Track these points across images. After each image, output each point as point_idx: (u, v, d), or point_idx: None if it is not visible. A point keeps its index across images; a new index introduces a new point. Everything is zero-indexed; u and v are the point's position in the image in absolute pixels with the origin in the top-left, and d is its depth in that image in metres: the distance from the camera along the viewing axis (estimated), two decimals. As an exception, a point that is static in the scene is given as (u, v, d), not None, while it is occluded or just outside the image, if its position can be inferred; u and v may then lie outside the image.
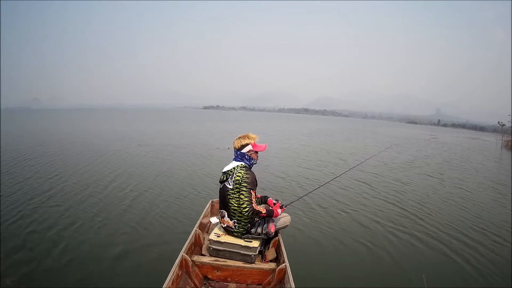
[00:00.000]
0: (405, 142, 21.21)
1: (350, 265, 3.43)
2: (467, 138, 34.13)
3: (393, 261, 3.54)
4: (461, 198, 6.51)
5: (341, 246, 3.86)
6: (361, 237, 4.12)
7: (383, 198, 6.13)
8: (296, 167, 9.05)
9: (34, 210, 4.55)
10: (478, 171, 10.59)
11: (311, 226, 4.40)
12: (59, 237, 3.74)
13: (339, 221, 4.67)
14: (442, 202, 6.06)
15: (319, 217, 4.81)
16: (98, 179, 6.60)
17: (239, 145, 2.69)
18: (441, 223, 4.83)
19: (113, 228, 4.07)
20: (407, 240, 4.12)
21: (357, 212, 5.17)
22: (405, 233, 4.36)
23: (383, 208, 5.47)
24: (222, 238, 2.62)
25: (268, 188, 6.32)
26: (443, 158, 13.52)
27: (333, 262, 3.48)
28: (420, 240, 4.14)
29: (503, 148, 21.79)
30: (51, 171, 7.20)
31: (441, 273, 3.34)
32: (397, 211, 5.33)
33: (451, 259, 3.65)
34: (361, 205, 5.55)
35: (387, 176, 8.34)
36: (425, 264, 3.50)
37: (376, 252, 3.75)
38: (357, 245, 3.90)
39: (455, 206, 5.84)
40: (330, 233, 4.22)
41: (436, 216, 5.15)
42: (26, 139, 13.56)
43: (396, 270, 3.36)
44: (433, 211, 5.44)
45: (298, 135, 22.77)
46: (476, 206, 5.92)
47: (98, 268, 3.10)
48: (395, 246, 3.92)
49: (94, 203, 5.02)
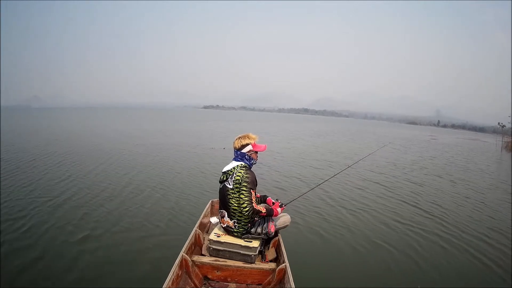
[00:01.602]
0: (406, 142, 21.25)
1: (350, 265, 3.42)
2: (467, 139, 34.21)
3: (394, 261, 3.53)
4: (454, 196, 6.53)
5: (342, 246, 3.86)
6: (361, 237, 4.12)
7: (384, 198, 6.13)
8: (294, 166, 9.04)
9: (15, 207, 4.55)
10: (484, 171, 10.65)
11: (311, 226, 4.40)
12: (57, 236, 3.73)
13: (339, 221, 4.67)
14: (441, 202, 6.05)
15: (319, 217, 4.81)
16: (95, 179, 6.59)
17: (239, 145, 2.69)
18: (442, 223, 4.83)
19: (113, 228, 4.07)
20: (407, 240, 4.12)
21: (357, 212, 5.16)
22: (405, 233, 4.37)
23: (383, 208, 5.47)
24: (222, 238, 2.62)
25: (269, 187, 6.31)
26: (446, 159, 13.55)
27: (333, 262, 3.48)
28: (420, 240, 4.14)
29: (503, 149, 21.80)
30: (52, 171, 7.20)
31: (441, 273, 3.33)
32: (397, 211, 5.32)
33: (451, 259, 3.65)
34: (362, 205, 5.54)
35: (388, 176, 8.33)
36: (425, 265, 3.49)
37: (376, 251, 3.75)
38: (357, 245, 3.90)
39: (457, 206, 5.83)
40: (330, 233, 4.21)
41: (437, 216, 5.15)
42: (33, 138, 13.42)
43: (397, 270, 3.35)
44: (433, 211, 5.44)
45: (299, 135, 22.77)
46: (478, 205, 5.93)
47: (98, 268, 3.10)
48: (395, 246, 3.91)
49: (93, 203, 5.00)
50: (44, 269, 3.05)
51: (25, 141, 12.34)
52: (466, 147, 22.34)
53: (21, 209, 4.53)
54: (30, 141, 12.34)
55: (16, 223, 4.02)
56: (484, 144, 26.82)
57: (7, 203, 4.76)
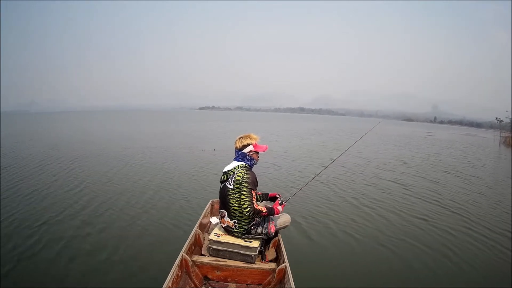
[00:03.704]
0: (405, 140, 21.33)
1: (351, 265, 3.40)
2: (465, 135, 34.25)
3: (395, 261, 3.51)
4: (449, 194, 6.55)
5: (342, 246, 3.84)
6: (362, 237, 4.09)
7: (384, 197, 6.09)
8: (291, 163, 9.04)
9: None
10: (479, 167, 10.68)
11: (311, 226, 4.38)
12: (55, 237, 3.71)
13: (339, 221, 4.63)
14: (442, 201, 6.05)
15: (319, 217, 4.78)
16: (94, 178, 6.57)
17: (240, 145, 2.68)
18: (443, 223, 4.76)
19: (113, 228, 4.06)
20: (409, 240, 4.07)
21: (357, 211, 5.13)
22: (407, 232, 4.32)
23: (383, 208, 5.41)
24: (222, 238, 2.61)
25: (269, 185, 6.29)
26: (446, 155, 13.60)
27: (333, 262, 3.46)
28: (420, 240, 4.08)
29: (501, 144, 21.81)
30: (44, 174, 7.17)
31: (442, 273, 3.30)
32: (398, 210, 5.28)
33: (451, 260, 3.60)
34: (362, 205, 5.51)
35: (387, 174, 8.36)
36: (425, 264, 3.46)
37: (377, 251, 3.73)
38: (358, 245, 3.88)
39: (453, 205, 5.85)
40: (330, 233, 4.19)
41: (437, 217, 5.06)
42: (37, 143, 13.24)
43: (398, 270, 3.33)
44: (435, 210, 5.38)
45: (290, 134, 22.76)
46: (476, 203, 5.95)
47: (98, 268, 3.10)
48: (396, 246, 3.88)
49: (92, 203, 4.98)
50: (44, 269, 3.04)
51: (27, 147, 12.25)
52: (464, 142, 22.37)
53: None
54: (27, 147, 12.24)
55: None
56: (483, 140, 26.81)
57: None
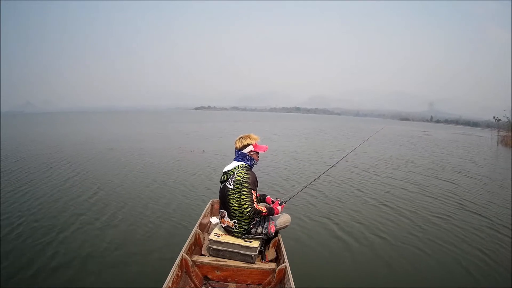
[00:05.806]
0: (401, 139, 21.42)
1: (351, 265, 3.40)
2: (462, 134, 34.34)
3: (395, 260, 3.50)
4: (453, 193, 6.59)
5: (342, 246, 3.83)
6: (362, 237, 4.09)
7: (385, 197, 6.05)
8: (291, 163, 9.06)
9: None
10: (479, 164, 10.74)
11: (311, 226, 4.37)
12: (55, 237, 3.70)
13: (339, 222, 4.61)
14: (441, 202, 6.05)
15: (319, 217, 4.77)
16: (94, 181, 6.53)
17: (240, 145, 2.69)
18: (443, 223, 4.74)
19: (113, 228, 4.05)
20: (410, 240, 4.07)
21: (357, 212, 5.10)
22: (408, 232, 4.31)
23: (384, 208, 5.38)
24: (222, 238, 2.61)
25: (269, 185, 6.31)
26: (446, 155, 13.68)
27: (333, 262, 3.45)
28: (420, 239, 4.08)
29: (499, 143, 21.82)
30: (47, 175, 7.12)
31: (441, 273, 3.30)
32: (398, 209, 5.28)
33: (451, 259, 3.59)
34: (362, 205, 5.49)
35: (386, 174, 8.40)
36: (425, 264, 3.47)
37: (377, 251, 3.72)
38: (358, 245, 3.86)
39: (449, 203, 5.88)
40: (330, 233, 4.19)
41: (439, 216, 5.03)
42: (39, 144, 12.97)
43: (398, 270, 3.33)
44: (435, 210, 5.35)
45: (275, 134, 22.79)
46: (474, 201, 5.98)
47: (98, 268, 3.09)
48: (397, 245, 3.88)
49: (93, 205, 4.96)
50: (43, 269, 3.03)
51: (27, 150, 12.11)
52: (464, 141, 22.44)
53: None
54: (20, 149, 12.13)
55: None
56: (480, 139, 26.90)
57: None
